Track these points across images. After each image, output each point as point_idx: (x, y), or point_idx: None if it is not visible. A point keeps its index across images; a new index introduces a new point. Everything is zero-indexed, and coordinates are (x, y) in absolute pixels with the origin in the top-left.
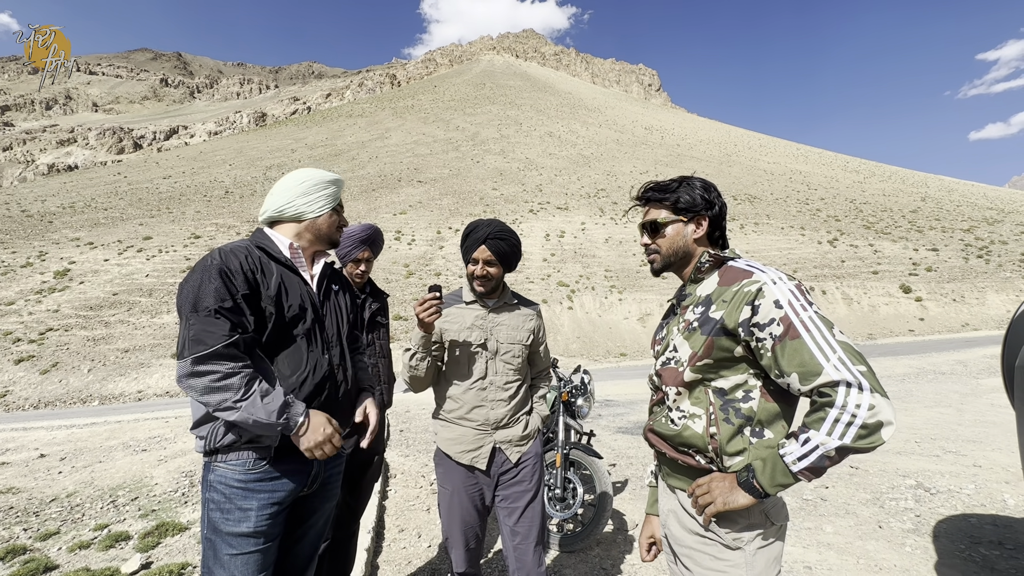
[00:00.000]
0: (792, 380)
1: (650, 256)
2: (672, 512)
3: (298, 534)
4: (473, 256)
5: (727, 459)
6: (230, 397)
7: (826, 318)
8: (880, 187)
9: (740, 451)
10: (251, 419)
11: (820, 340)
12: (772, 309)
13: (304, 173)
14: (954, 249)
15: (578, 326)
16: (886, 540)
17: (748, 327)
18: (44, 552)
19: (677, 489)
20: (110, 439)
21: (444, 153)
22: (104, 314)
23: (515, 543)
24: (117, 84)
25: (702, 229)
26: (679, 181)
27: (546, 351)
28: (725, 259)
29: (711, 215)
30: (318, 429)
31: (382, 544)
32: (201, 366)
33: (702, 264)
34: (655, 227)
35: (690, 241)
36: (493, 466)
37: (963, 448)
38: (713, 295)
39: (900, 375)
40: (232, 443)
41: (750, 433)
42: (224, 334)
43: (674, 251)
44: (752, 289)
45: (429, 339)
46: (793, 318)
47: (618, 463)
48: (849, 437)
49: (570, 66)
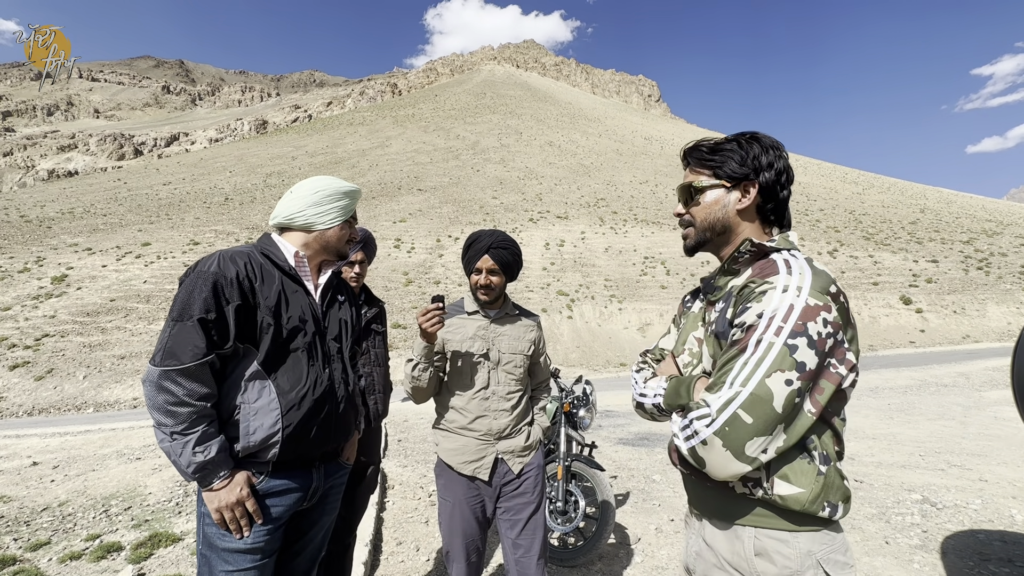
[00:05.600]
0: (707, 361)
1: (684, 229)
2: (699, 557)
3: (296, 548)
4: (476, 266)
5: (780, 485)
6: (170, 424)
7: (800, 362)
8: (879, 198)
9: (788, 477)
10: (173, 456)
11: (751, 367)
12: (753, 315)
13: (320, 182)
14: (954, 261)
15: (578, 336)
16: (893, 556)
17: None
18: (34, 563)
19: (705, 520)
20: (104, 447)
21: (444, 162)
22: (101, 320)
23: (517, 556)
24: (119, 91)
25: (748, 198)
26: (732, 139)
27: (546, 362)
28: (770, 251)
29: (763, 181)
30: (234, 490)
31: (380, 557)
32: (165, 381)
33: (741, 253)
34: (692, 192)
35: (732, 212)
36: (495, 477)
37: (968, 462)
38: (735, 290)
39: (902, 387)
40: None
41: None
42: (200, 349)
43: (710, 223)
44: (759, 289)
45: (431, 349)
46: (757, 332)
47: (619, 475)
48: (685, 449)
49: (570, 76)
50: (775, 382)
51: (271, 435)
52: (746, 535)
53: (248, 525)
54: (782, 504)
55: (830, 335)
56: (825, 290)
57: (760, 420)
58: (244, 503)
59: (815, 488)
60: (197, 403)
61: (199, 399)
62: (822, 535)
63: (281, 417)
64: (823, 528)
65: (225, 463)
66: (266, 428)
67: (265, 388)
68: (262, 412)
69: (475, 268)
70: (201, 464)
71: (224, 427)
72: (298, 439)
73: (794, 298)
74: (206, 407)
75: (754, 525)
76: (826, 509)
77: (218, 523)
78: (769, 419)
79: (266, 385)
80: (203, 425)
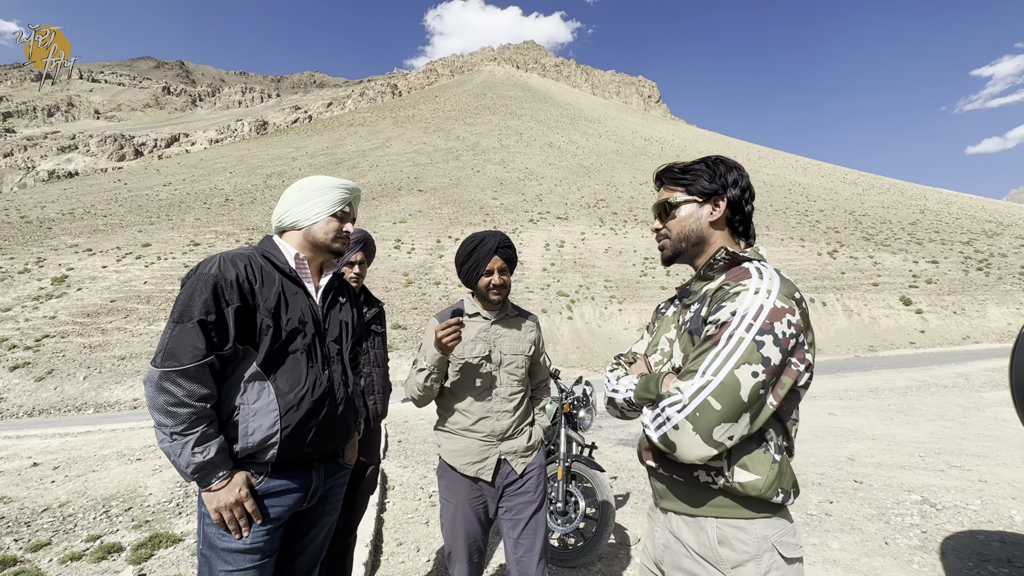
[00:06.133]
0: (677, 358)
1: (660, 242)
2: (667, 548)
3: (296, 549)
4: (488, 267)
5: (739, 472)
6: (170, 424)
7: (766, 357)
8: (879, 199)
9: (747, 465)
10: (172, 456)
11: (722, 358)
12: (727, 313)
13: (303, 180)
14: (954, 261)
15: (578, 336)
16: (893, 557)
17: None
18: (35, 564)
19: (671, 513)
20: (104, 448)
21: (444, 162)
22: (101, 321)
23: (518, 555)
24: (119, 92)
25: (719, 211)
26: (700, 161)
27: (545, 361)
28: (742, 259)
29: (730, 196)
30: (233, 490)
31: (380, 558)
32: (166, 382)
33: (716, 261)
34: (667, 208)
35: (704, 224)
36: (498, 477)
37: (968, 463)
38: (710, 292)
39: (902, 388)
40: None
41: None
42: (200, 350)
43: (685, 235)
44: (733, 291)
45: (446, 361)
46: (730, 328)
47: (619, 476)
48: (656, 436)
49: (570, 77)
50: (743, 373)
51: (270, 436)
52: (709, 525)
53: (247, 525)
54: (742, 491)
55: (793, 335)
56: (791, 295)
57: (727, 407)
58: (243, 503)
59: (770, 475)
60: (197, 404)
61: (199, 400)
62: (775, 521)
63: (280, 418)
64: (775, 515)
65: (224, 463)
66: (265, 429)
67: (264, 389)
68: (261, 413)
69: (485, 270)
70: (200, 464)
71: (223, 428)
72: (297, 440)
73: (764, 300)
74: (206, 408)
75: (716, 516)
76: (779, 495)
77: (217, 523)
78: (736, 407)
79: (265, 386)
80: (202, 426)
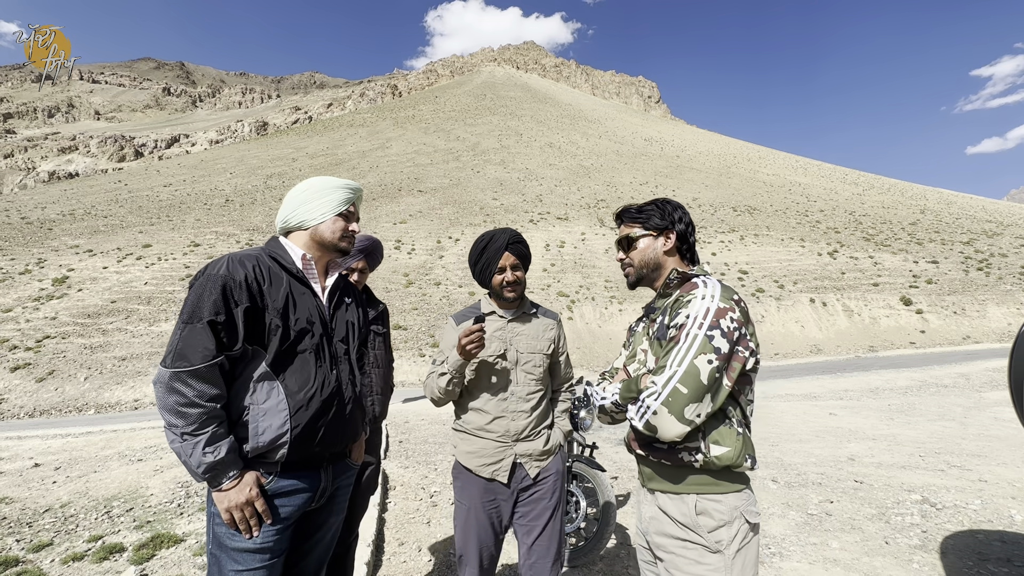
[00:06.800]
0: (651, 363)
1: (625, 270)
2: (653, 519)
3: (305, 549)
4: (500, 264)
5: (713, 447)
6: (180, 425)
7: (716, 347)
8: (879, 199)
9: (718, 440)
10: (183, 456)
11: (683, 352)
12: (683, 317)
13: (308, 181)
14: (954, 262)
15: (578, 336)
16: (893, 556)
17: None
18: (37, 564)
19: (657, 492)
20: (105, 448)
21: (444, 163)
22: (102, 322)
23: (531, 562)
24: (120, 93)
25: (670, 242)
26: (651, 203)
27: (567, 361)
28: (691, 276)
29: (678, 230)
30: (243, 490)
31: (382, 558)
32: (176, 382)
33: (671, 280)
34: (628, 242)
35: (660, 253)
36: (513, 481)
37: (968, 462)
38: (668, 305)
39: (903, 388)
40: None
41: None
42: (210, 350)
43: (645, 262)
44: (686, 299)
45: (466, 366)
46: (687, 328)
47: (620, 476)
48: (640, 425)
49: (570, 78)
50: (701, 361)
51: (280, 435)
52: (690, 500)
53: (257, 525)
54: (718, 464)
55: (736, 328)
56: (731, 298)
57: (692, 390)
58: (253, 503)
59: (738, 445)
60: (207, 404)
61: (209, 400)
62: (744, 495)
63: (290, 418)
64: (744, 489)
65: (235, 463)
66: (275, 429)
67: (274, 389)
68: (271, 413)
69: (498, 267)
70: (211, 464)
71: (233, 428)
72: (306, 439)
73: (710, 303)
74: (216, 408)
75: (696, 492)
76: (748, 460)
77: (227, 523)
78: (699, 389)
79: (275, 386)
80: (213, 426)
